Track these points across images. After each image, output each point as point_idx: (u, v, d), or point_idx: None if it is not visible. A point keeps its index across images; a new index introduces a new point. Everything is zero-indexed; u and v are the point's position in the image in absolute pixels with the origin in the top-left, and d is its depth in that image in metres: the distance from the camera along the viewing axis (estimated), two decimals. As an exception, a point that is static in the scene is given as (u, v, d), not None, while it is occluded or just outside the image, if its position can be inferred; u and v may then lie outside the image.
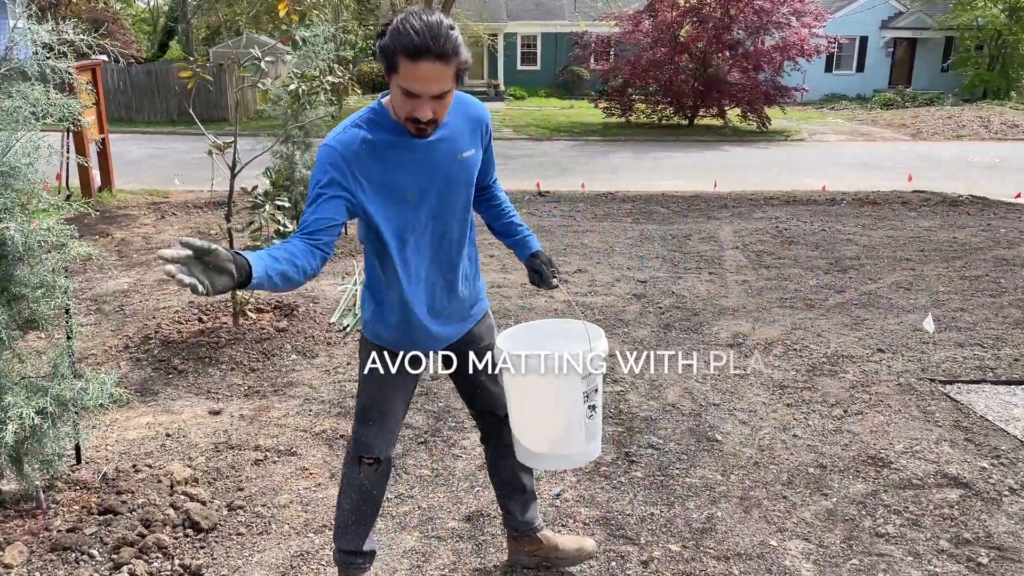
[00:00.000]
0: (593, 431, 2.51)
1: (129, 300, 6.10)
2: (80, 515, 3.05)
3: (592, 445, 2.55)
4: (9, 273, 2.78)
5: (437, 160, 2.31)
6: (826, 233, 8.57)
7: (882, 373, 4.71)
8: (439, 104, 2.15)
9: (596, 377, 2.43)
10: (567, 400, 2.43)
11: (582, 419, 2.45)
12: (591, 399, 2.44)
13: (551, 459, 2.62)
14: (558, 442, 2.53)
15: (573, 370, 2.36)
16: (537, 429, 2.55)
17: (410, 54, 2.04)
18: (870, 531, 3.19)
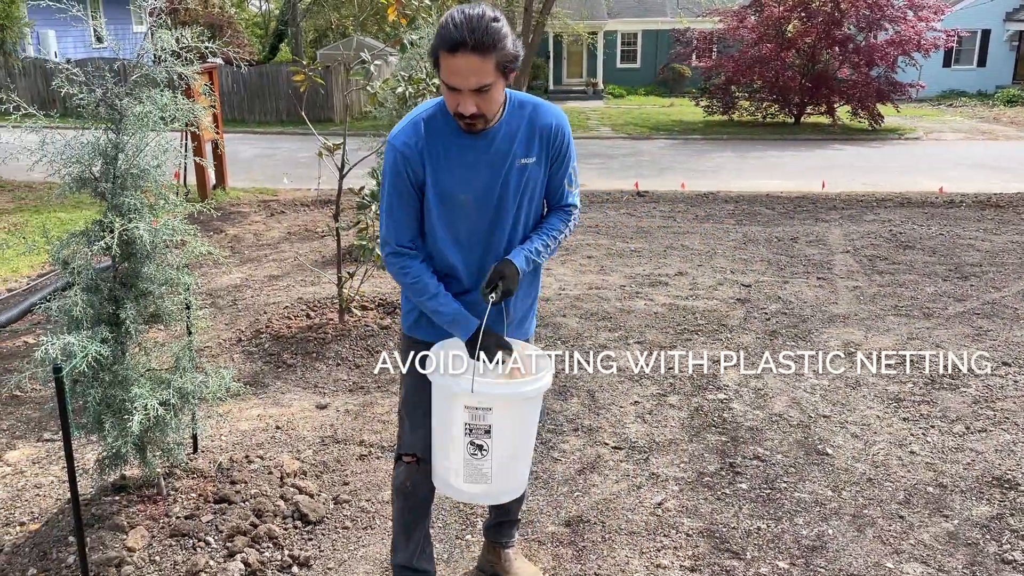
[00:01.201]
0: (477, 474, 2.26)
1: (241, 295, 6.34)
2: (197, 503, 3.18)
3: (477, 488, 2.30)
4: (137, 270, 2.92)
5: (491, 161, 2.27)
6: (944, 237, 8.15)
7: (1008, 388, 4.43)
8: (483, 99, 2.12)
9: (487, 415, 2.19)
10: (446, 419, 2.26)
11: (460, 451, 2.24)
12: (475, 435, 2.20)
13: (436, 478, 2.44)
14: (439, 462, 2.38)
15: (455, 393, 2.18)
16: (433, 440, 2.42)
17: (448, 47, 2.05)
18: (995, 557, 3.00)
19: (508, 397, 2.22)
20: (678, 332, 5.44)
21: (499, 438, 2.22)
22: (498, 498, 2.41)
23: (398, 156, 2.25)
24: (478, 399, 2.17)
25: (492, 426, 2.20)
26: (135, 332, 2.88)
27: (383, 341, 5.19)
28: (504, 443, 2.24)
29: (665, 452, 3.86)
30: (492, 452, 2.23)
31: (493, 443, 2.22)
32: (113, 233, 2.71)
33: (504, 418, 2.21)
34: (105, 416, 2.82)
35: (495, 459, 2.25)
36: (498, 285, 2.27)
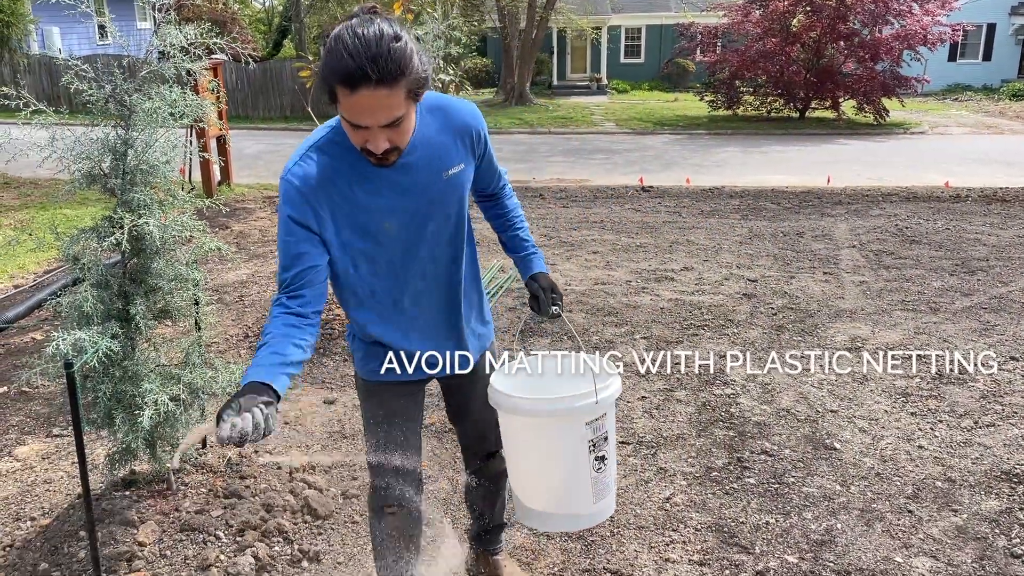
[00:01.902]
0: (603, 488, 2.16)
1: (248, 291, 6.35)
2: (207, 498, 3.20)
3: (601, 504, 2.19)
4: (147, 266, 2.93)
5: (414, 180, 1.99)
6: (951, 232, 8.13)
7: (1016, 383, 4.43)
8: (395, 132, 1.83)
9: (604, 421, 2.10)
10: (568, 451, 2.10)
11: (587, 473, 2.11)
12: (599, 449, 2.10)
13: (551, 519, 2.25)
14: (559, 500, 2.19)
15: (575, 415, 2.05)
16: (534, 482, 2.22)
17: (347, 83, 1.71)
18: (1005, 551, 3.00)
19: (616, 394, 2.11)
20: (684, 327, 5.44)
21: (611, 440, 2.16)
22: (612, 507, 2.28)
23: (289, 193, 1.93)
24: (599, 410, 2.07)
25: (608, 431, 2.13)
26: (145, 328, 2.89)
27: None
28: (612, 442, 2.18)
29: (673, 447, 3.86)
30: (609, 457, 2.16)
31: (609, 447, 2.15)
32: (123, 229, 2.72)
33: (611, 417, 2.16)
34: (116, 411, 2.83)
35: (610, 463, 2.18)
36: (555, 299, 2.24)
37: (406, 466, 2.26)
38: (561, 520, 2.26)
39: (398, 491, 2.26)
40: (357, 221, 1.97)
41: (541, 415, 2.06)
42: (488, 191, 2.32)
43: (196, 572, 2.84)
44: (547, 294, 2.25)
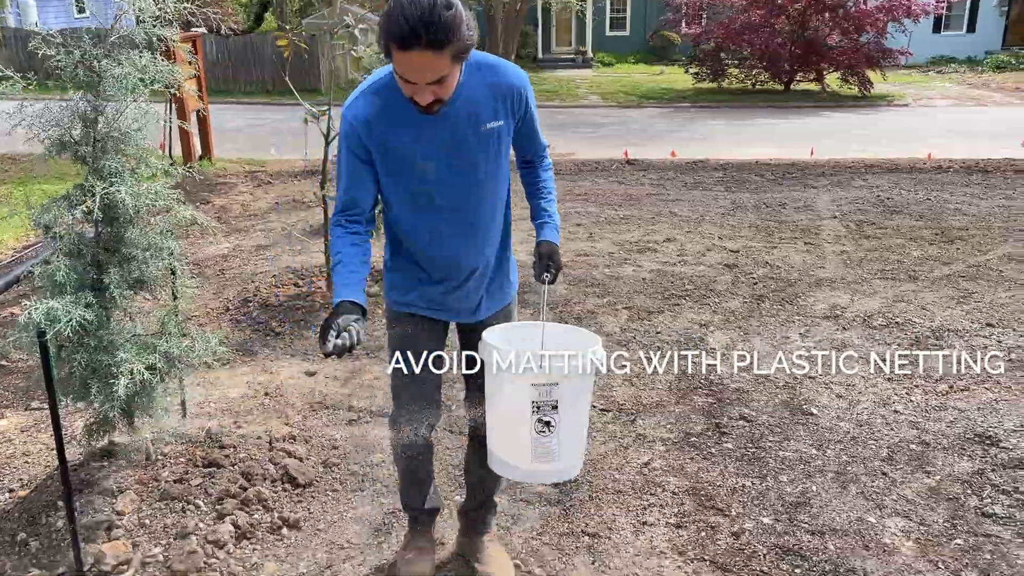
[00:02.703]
0: (545, 452, 2.27)
1: (229, 264, 6.32)
2: (186, 467, 3.20)
3: (545, 467, 2.31)
4: (120, 235, 2.90)
5: (453, 130, 2.20)
6: (932, 202, 8.17)
7: (992, 348, 4.48)
8: (441, 87, 2.05)
9: (554, 390, 2.19)
10: (510, 402, 2.26)
11: (528, 431, 2.23)
12: (543, 413, 2.21)
13: (498, 462, 2.41)
14: (503, 447, 2.37)
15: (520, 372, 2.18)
16: (490, 424, 2.41)
17: (399, 43, 1.94)
18: (976, 511, 3.05)
19: (575, 369, 2.20)
20: (666, 297, 5.46)
21: (565, 413, 2.23)
22: (564, 475, 2.43)
23: (346, 128, 2.23)
24: (545, 376, 2.17)
25: (559, 401, 2.21)
26: (119, 297, 2.87)
27: (371, 310, 5.19)
28: (570, 417, 2.25)
29: (652, 414, 3.89)
30: (559, 427, 2.24)
31: (560, 418, 2.23)
32: (95, 197, 2.69)
33: (570, 391, 2.23)
34: (91, 381, 2.82)
35: (562, 435, 2.26)
36: (549, 267, 2.39)
37: (423, 392, 2.50)
38: (505, 466, 2.40)
39: (414, 416, 2.51)
40: (401, 159, 2.23)
41: (495, 360, 2.22)
42: (527, 157, 2.52)
43: (175, 540, 2.85)
44: (542, 261, 2.41)
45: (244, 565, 2.84)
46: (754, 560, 2.82)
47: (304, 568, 2.83)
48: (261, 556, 2.89)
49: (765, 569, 2.77)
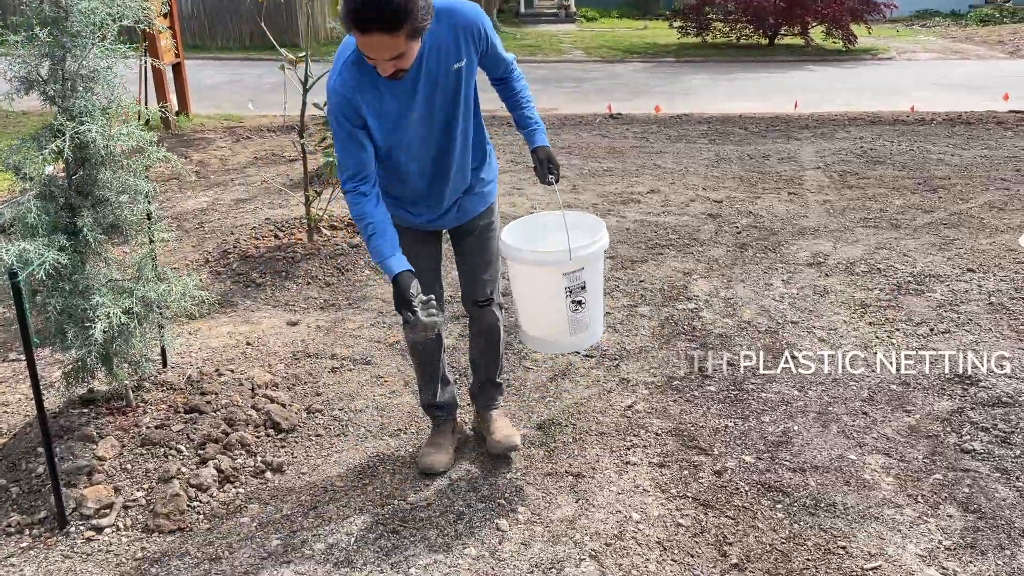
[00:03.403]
0: (579, 325, 2.78)
1: (208, 218, 6.23)
2: (167, 414, 3.18)
3: (580, 336, 2.83)
4: (93, 176, 2.84)
5: (430, 80, 2.45)
6: (914, 153, 8.16)
7: (972, 292, 4.50)
8: (400, 61, 2.24)
9: (581, 274, 2.67)
10: (547, 293, 2.71)
11: (565, 312, 2.72)
12: (575, 295, 2.70)
13: (539, 342, 2.96)
14: (543, 329, 2.87)
15: (553, 267, 2.65)
16: (526, 313, 2.91)
17: (357, 26, 2.14)
18: (955, 447, 3.09)
19: (594, 255, 2.70)
20: (649, 247, 5.44)
21: (590, 289, 2.73)
22: (593, 339, 2.93)
23: (337, 101, 2.42)
24: (574, 264, 2.64)
25: (586, 282, 2.70)
26: (94, 241, 2.81)
27: (353, 260, 5.15)
28: (593, 291, 2.75)
29: (635, 359, 3.89)
30: (588, 302, 2.74)
31: (588, 295, 2.72)
32: (65, 136, 2.62)
33: (591, 271, 2.71)
34: (67, 326, 2.78)
35: (590, 306, 2.76)
36: (551, 168, 2.71)
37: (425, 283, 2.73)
38: (546, 344, 2.98)
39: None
40: (389, 116, 2.47)
41: (528, 263, 2.72)
42: (498, 75, 2.77)
43: (158, 484, 2.84)
44: (543, 166, 2.73)
45: (228, 508, 2.84)
46: (736, 497, 2.84)
47: (288, 510, 2.83)
48: (245, 499, 2.88)
49: (747, 505, 2.79)
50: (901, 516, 2.71)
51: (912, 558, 2.51)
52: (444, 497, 2.87)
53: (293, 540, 2.67)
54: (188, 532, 2.71)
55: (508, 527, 2.71)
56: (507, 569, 2.51)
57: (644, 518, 2.74)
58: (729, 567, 2.49)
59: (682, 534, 2.65)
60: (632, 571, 2.48)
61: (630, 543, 2.61)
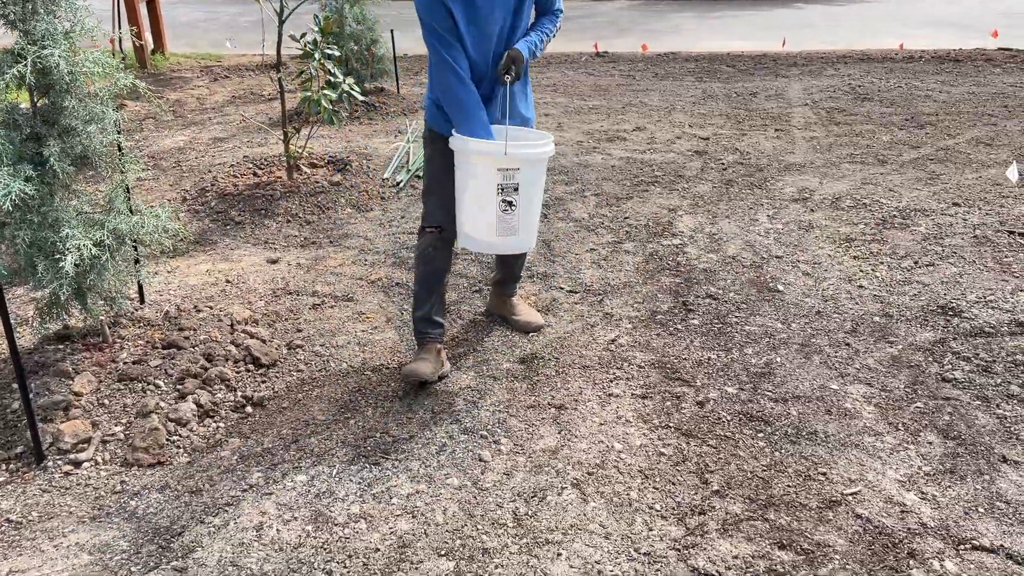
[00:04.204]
0: (507, 228, 2.89)
1: (185, 157, 6.11)
2: (145, 349, 3.13)
3: (506, 240, 2.93)
4: (58, 104, 2.74)
5: None
6: (903, 90, 8.08)
7: (957, 226, 4.48)
8: None
9: (516, 175, 2.80)
10: (481, 186, 2.83)
11: (494, 210, 2.84)
12: (506, 194, 2.82)
13: (469, 239, 3.00)
14: (474, 225, 2.95)
15: (487, 158, 2.77)
16: (461, 208, 2.98)
17: None
18: (936, 377, 3.09)
19: (531, 157, 2.82)
20: (635, 184, 5.38)
21: (524, 194, 2.83)
22: (521, 246, 3.02)
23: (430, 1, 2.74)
24: (509, 161, 2.75)
25: (520, 184, 2.81)
26: (62, 172, 2.73)
27: (334, 198, 5.07)
28: (527, 198, 2.86)
29: (619, 294, 3.87)
30: (519, 207, 2.84)
31: (520, 199, 2.83)
32: (26, 61, 2.52)
33: (527, 176, 2.82)
34: (37, 259, 2.71)
35: (521, 213, 2.86)
36: (511, 67, 2.87)
37: (448, 202, 3.04)
38: (473, 241, 3.00)
39: (439, 217, 3.09)
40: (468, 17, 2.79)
41: (467, 152, 2.83)
42: (542, 9, 3.09)
43: (136, 419, 2.81)
44: (505, 62, 2.88)
45: (208, 442, 2.81)
46: (718, 426, 2.84)
47: (269, 444, 2.81)
48: (225, 433, 2.86)
49: (729, 434, 2.79)
50: (881, 443, 2.72)
51: (892, 483, 2.52)
52: (426, 430, 2.86)
53: (274, 473, 2.65)
54: (168, 466, 2.69)
55: (491, 458, 2.71)
56: (489, 498, 2.51)
57: (626, 448, 2.74)
58: (710, 494, 2.50)
59: (664, 463, 2.66)
60: (614, 499, 2.49)
61: (612, 472, 2.61)
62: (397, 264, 4.24)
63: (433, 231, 3.11)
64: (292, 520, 2.44)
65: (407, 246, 4.46)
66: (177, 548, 2.33)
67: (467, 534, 2.37)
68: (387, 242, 4.52)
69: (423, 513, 2.46)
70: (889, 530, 2.32)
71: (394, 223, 4.79)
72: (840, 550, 2.26)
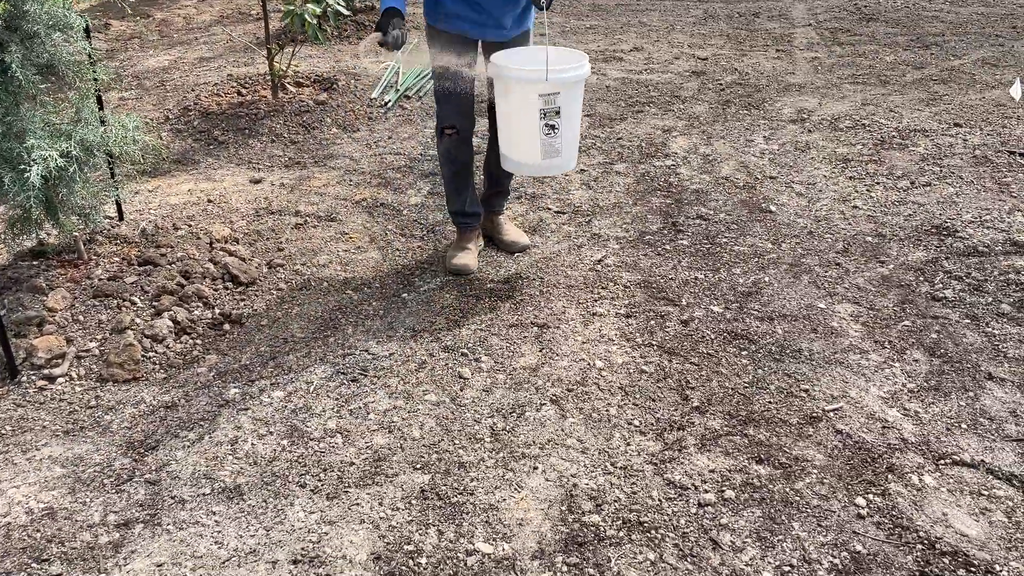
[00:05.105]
0: (551, 150, 2.91)
1: (169, 76, 5.95)
2: (121, 266, 3.08)
3: (551, 162, 2.96)
4: (20, 8, 2.62)
5: None
6: (909, 10, 7.82)
7: (957, 146, 4.37)
8: None
9: (556, 99, 2.80)
10: (524, 113, 2.85)
11: (537, 133, 2.86)
12: (549, 118, 2.83)
13: (515, 164, 3.06)
14: (519, 150, 2.99)
15: (529, 84, 2.78)
16: (506, 134, 3.03)
17: None
18: (926, 296, 3.04)
19: (570, 80, 2.82)
20: (629, 105, 5.25)
21: (565, 116, 2.86)
22: (565, 166, 3.04)
23: None
24: (550, 86, 2.77)
25: (561, 107, 2.82)
26: (25, 80, 2.63)
27: (320, 118, 4.94)
28: (568, 120, 2.88)
29: (608, 215, 3.79)
30: (561, 129, 2.87)
31: (562, 121, 2.85)
32: (-20, -40, 2.39)
33: (568, 99, 2.84)
34: (3, 171, 2.63)
35: (563, 134, 2.89)
36: None
37: (460, 99, 3.11)
38: (521, 166, 3.07)
39: (453, 118, 3.15)
40: None
41: (509, 79, 2.86)
42: None
43: (111, 335, 2.77)
44: None
45: (184, 358, 2.78)
46: (701, 344, 2.80)
47: (247, 361, 2.78)
48: (202, 350, 2.83)
49: (712, 352, 2.76)
50: (866, 361, 2.68)
51: (874, 400, 2.49)
52: (406, 347, 2.82)
53: (251, 389, 2.63)
54: (143, 381, 2.67)
55: (470, 375, 2.68)
56: (467, 414, 2.49)
57: (608, 365, 2.70)
58: (690, 410, 2.47)
59: (645, 380, 2.62)
60: (592, 415, 2.46)
61: (592, 388, 2.58)
62: (382, 185, 4.15)
63: (451, 133, 3.17)
64: (267, 435, 2.42)
65: (393, 167, 4.36)
66: (151, 462, 2.31)
67: (443, 448, 2.35)
68: (373, 163, 4.42)
69: (400, 428, 2.43)
70: (869, 445, 2.30)
71: (381, 143, 4.68)
72: (818, 464, 2.23)
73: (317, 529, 2.07)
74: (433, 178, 4.19)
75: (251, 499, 2.17)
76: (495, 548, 2.00)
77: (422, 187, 4.12)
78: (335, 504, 2.15)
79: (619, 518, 2.08)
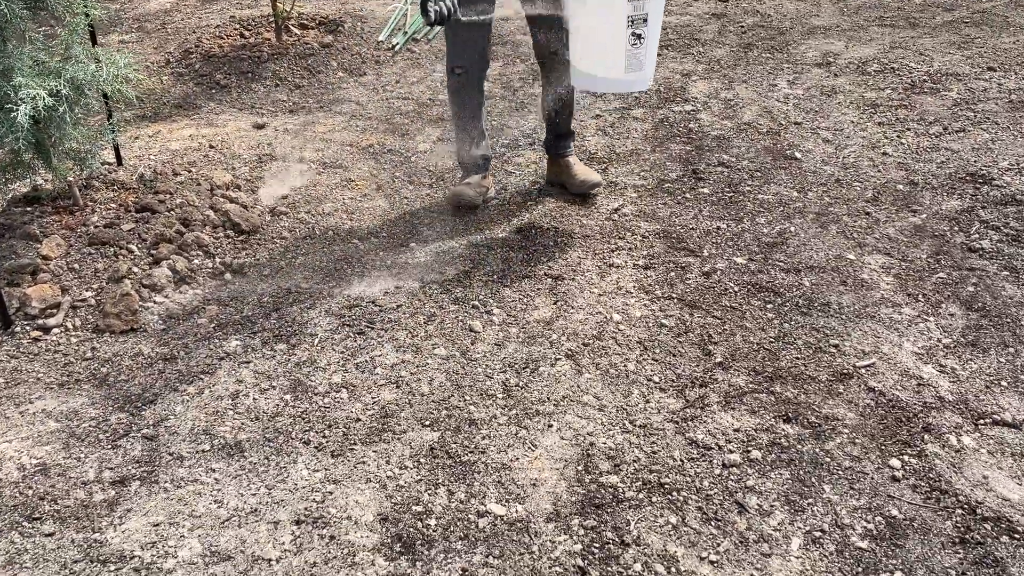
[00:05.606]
0: (635, 63, 2.70)
1: (171, 19, 5.76)
2: (117, 212, 2.95)
3: (634, 75, 2.74)
4: (1, -63, 2.46)
5: None
6: (939, -49, 7.50)
7: (991, 91, 4.16)
8: None
9: (646, 4, 2.58)
10: (609, 20, 2.60)
11: (623, 43, 2.63)
12: (636, 26, 2.62)
13: (591, 79, 2.86)
14: (598, 63, 2.76)
15: None
16: (582, 46, 2.78)
17: None
18: (962, 246, 2.89)
19: None
20: (646, 48, 5.03)
21: (652, 24, 2.65)
22: (644, 82, 2.84)
23: None
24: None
25: (649, 13, 2.61)
26: (11, 13, 2.47)
27: (325, 61, 4.77)
28: (654, 29, 2.68)
29: (625, 162, 3.63)
30: (647, 38, 2.66)
31: (648, 30, 2.64)
32: None
33: (656, 4, 2.63)
34: (-11, 111, 2.49)
35: (648, 45, 2.68)
36: None
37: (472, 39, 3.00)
38: (598, 81, 2.88)
39: (463, 57, 3.05)
40: None
41: None
42: None
43: (108, 284, 2.66)
44: None
45: (184, 309, 2.67)
46: (724, 297, 2.67)
47: (249, 312, 2.66)
48: (202, 300, 2.72)
49: (735, 305, 2.62)
50: (899, 315, 2.54)
51: (908, 356, 2.36)
52: (415, 299, 2.70)
53: (253, 341, 2.52)
54: (141, 332, 2.56)
55: (481, 328, 2.56)
56: (478, 369, 2.38)
57: (625, 319, 2.58)
58: (713, 366, 2.35)
59: (665, 334, 2.50)
60: (610, 370, 2.35)
61: (609, 343, 2.46)
62: (389, 130, 3.99)
63: (461, 72, 3.07)
64: (270, 389, 2.31)
65: (401, 112, 4.20)
66: (148, 416, 2.22)
67: (453, 405, 2.24)
68: (380, 108, 4.26)
69: (408, 383, 2.32)
70: (903, 404, 2.18)
71: (388, 88, 4.51)
72: (850, 424, 2.12)
73: (321, 488, 1.97)
74: (442, 123, 4.03)
75: (252, 456, 2.07)
76: (508, 510, 1.90)
77: (431, 133, 3.96)
78: (340, 462, 2.05)
79: (638, 479, 1.97)
